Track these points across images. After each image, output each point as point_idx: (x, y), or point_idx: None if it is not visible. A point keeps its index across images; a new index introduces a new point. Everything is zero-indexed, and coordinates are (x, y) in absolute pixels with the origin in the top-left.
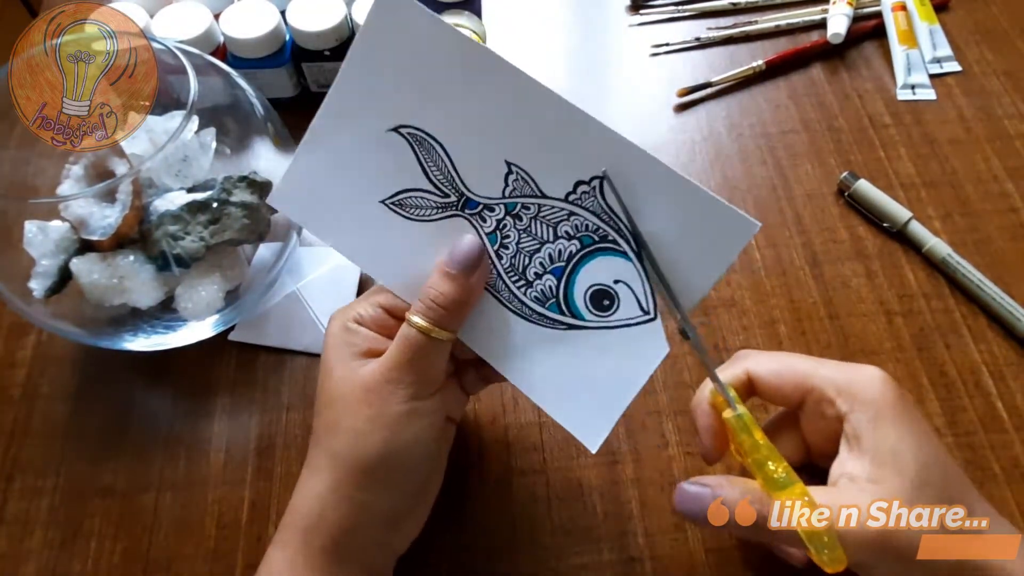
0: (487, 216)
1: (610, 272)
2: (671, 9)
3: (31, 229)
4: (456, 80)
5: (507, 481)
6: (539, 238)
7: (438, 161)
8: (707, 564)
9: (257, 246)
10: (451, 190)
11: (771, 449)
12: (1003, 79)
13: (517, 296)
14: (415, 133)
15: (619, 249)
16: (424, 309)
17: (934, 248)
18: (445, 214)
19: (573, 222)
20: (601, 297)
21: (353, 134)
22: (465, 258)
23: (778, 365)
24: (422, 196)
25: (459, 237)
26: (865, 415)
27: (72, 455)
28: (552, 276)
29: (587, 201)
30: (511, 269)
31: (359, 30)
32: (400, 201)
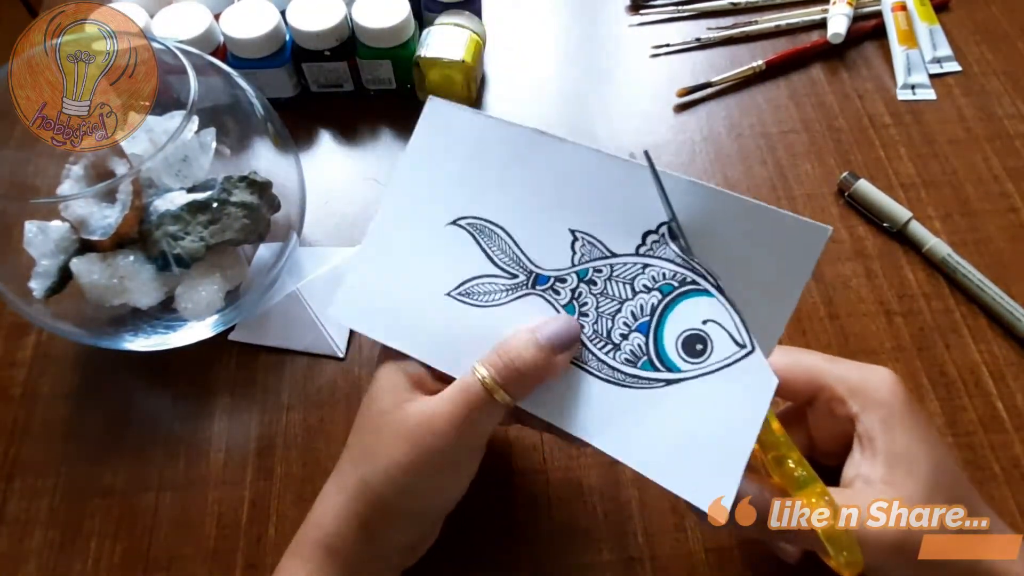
0: (560, 288)
1: (697, 315)
2: (671, 9)
3: (31, 229)
4: (508, 165)
5: (507, 481)
6: (618, 298)
7: (502, 245)
8: (707, 564)
9: (257, 246)
10: (519, 270)
11: (790, 445)
12: (1003, 79)
13: (606, 362)
14: (475, 223)
15: (701, 288)
16: (497, 366)
17: (934, 248)
18: (516, 295)
19: (649, 274)
20: (693, 342)
21: (411, 234)
22: (561, 334)
23: (790, 360)
24: (490, 282)
25: (542, 315)
26: (878, 417)
27: (72, 455)
28: (639, 333)
29: (659, 250)
30: (595, 336)
31: (412, 137)
32: (467, 291)
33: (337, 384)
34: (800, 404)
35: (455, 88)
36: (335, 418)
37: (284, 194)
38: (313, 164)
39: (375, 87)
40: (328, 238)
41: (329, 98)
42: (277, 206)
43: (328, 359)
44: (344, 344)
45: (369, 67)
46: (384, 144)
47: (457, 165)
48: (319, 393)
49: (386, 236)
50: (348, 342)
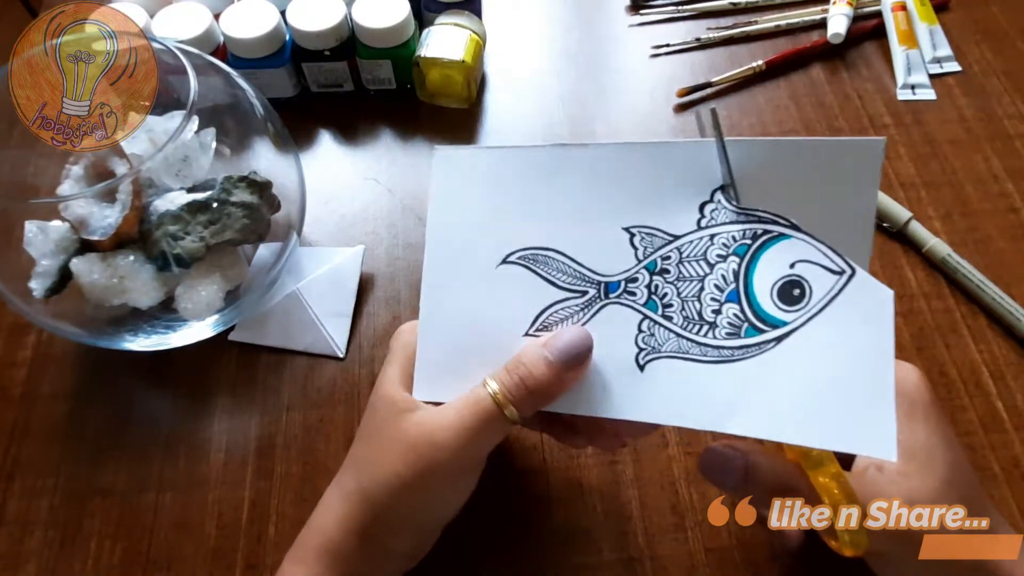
0: (634, 289)
1: (782, 261)
2: (671, 9)
3: (31, 229)
4: (537, 187)
5: (507, 481)
6: (696, 277)
7: (560, 266)
8: (707, 564)
9: (257, 246)
10: (587, 285)
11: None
12: (1003, 79)
13: (709, 344)
14: (525, 254)
15: (775, 234)
16: (507, 382)
17: (934, 248)
18: (593, 310)
19: (719, 242)
20: (789, 289)
21: (466, 288)
22: (570, 350)
23: None
24: (563, 307)
25: (627, 324)
26: (901, 410)
27: (72, 455)
28: (731, 303)
29: (720, 216)
30: (688, 323)
31: (430, 193)
32: (544, 324)
33: (337, 384)
34: None
35: (455, 88)
36: (335, 418)
37: (284, 194)
38: (313, 164)
39: (375, 87)
40: (328, 238)
41: (329, 98)
42: (277, 206)
43: (328, 359)
44: (344, 344)
45: (369, 67)
46: (384, 144)
47: (486, 205)
48: (319, 393)
49: (441, 299)
50: (348, 342)
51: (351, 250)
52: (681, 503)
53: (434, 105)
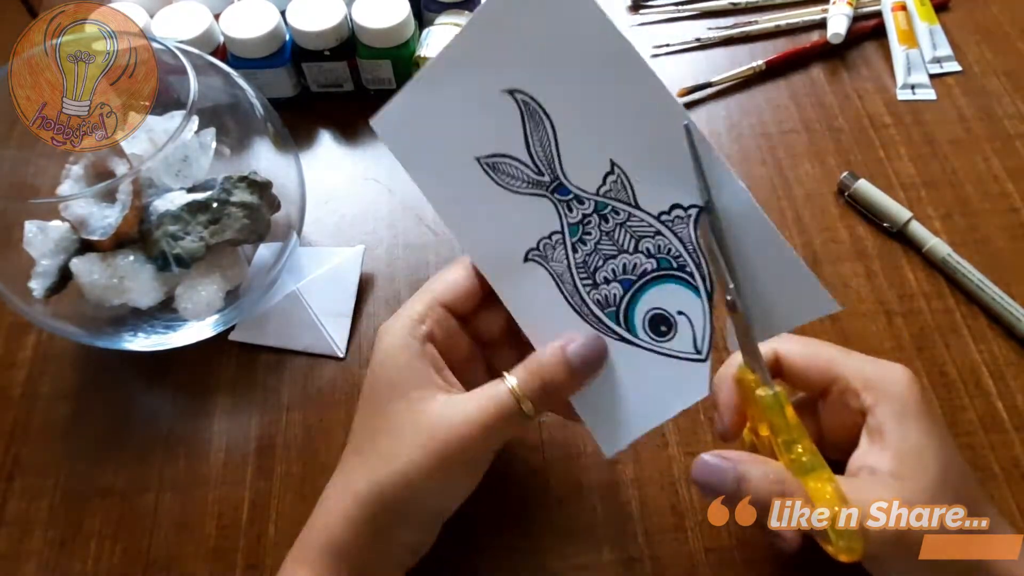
0: (574, 207)
1: (677, 302)
2: (671, 9)
3: (31, 229)
4: (587, 62)
5: (507, 481)
6: (619, 246)
7: (542, 137)
8: (707, 564)
9: (257, 246)
10: (547, 170)
11: (801, 431)
12: (1003, 79)
13: (580, 293)
14: (529, 102)
15: (693, 284)
16: (527, 381)
17: (934, 248)
18: (534, 191)
19: (657, 242)
20: (660, 322)
21: (468, 85)
22: (591, 357)
23: (808, 350)
24: (517, 166)
25: (546, 222)
26: (891, 411)
27: (72, 455)
28: (619, 286)
29: (678, 226)
30: (583, 266)
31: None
32: (494, 164)
33: (337, 384)
34: (814, 395)
35: None
36: (335, 418)
37: (284, 194)
38: (313, 164)
39: (375, 87)
40: (328, 238)
41: (329, 98)
42: (277, 206)
43: (328, 359)
44: (344, 344)
45: (369, 67)
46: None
47: (536, 34)
48: (319, 393)
49: (443, 76)
50: (348, 342)
51: (351, 250)
52: (681, 503)
53: None
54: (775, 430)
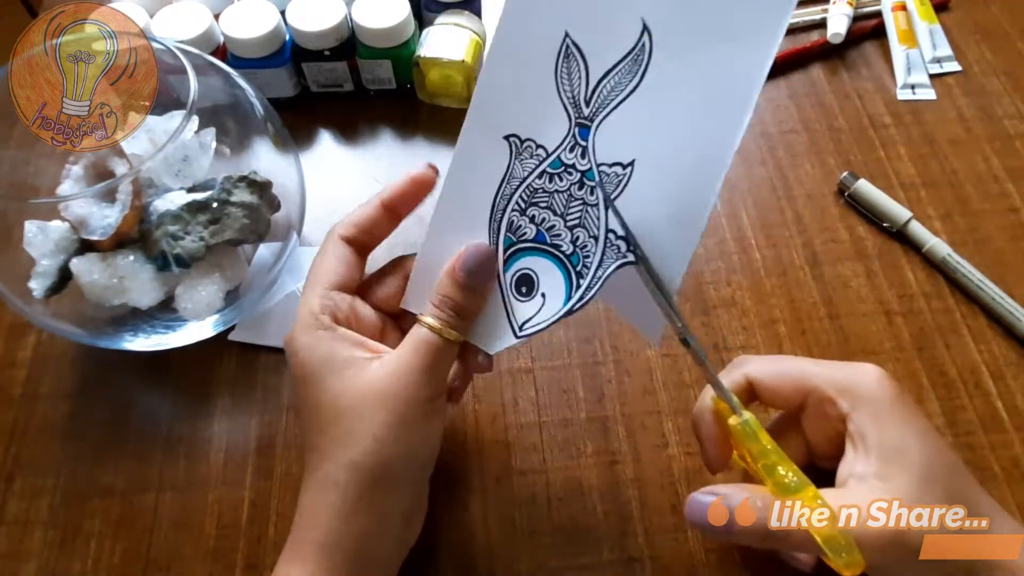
0: (575, 152)
1: (551, 286)
2: None
3: (31, 229)
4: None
5: (507, 481)
6: (566, 210)
7: (622, 83)
8: (707, 564)
9: (257, 246)
10: (591, 109)
11: (780, 454)
12: (1003, 79)
13: (508, 202)
14: (647, 45)
15: (570, 292)
16: (438, 313)
17: (934, 248)
18: (567, 107)
19: (587, 241)
20: (524, 283)
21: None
22: (477, 266)
23: (777, 368)
24: (583, 78)
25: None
26: (867, 413)
27: (72, 455)
28: (532, 232)
29: (609, 248)
30: (530, 190)
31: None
32: (569, 52)
33: None
34: (792, 411)
35: (455, 88)
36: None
37: (284, 194)
38: (313, 164)
39: (375, 87)
40: None
41: (329, 98)
42: (277, 206)
43: None
44: None
45: (369, 67)
46: (384, 144)
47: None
48: None
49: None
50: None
51: None
52: (681, 503)
53: (434, 105)
54: (753, 456)
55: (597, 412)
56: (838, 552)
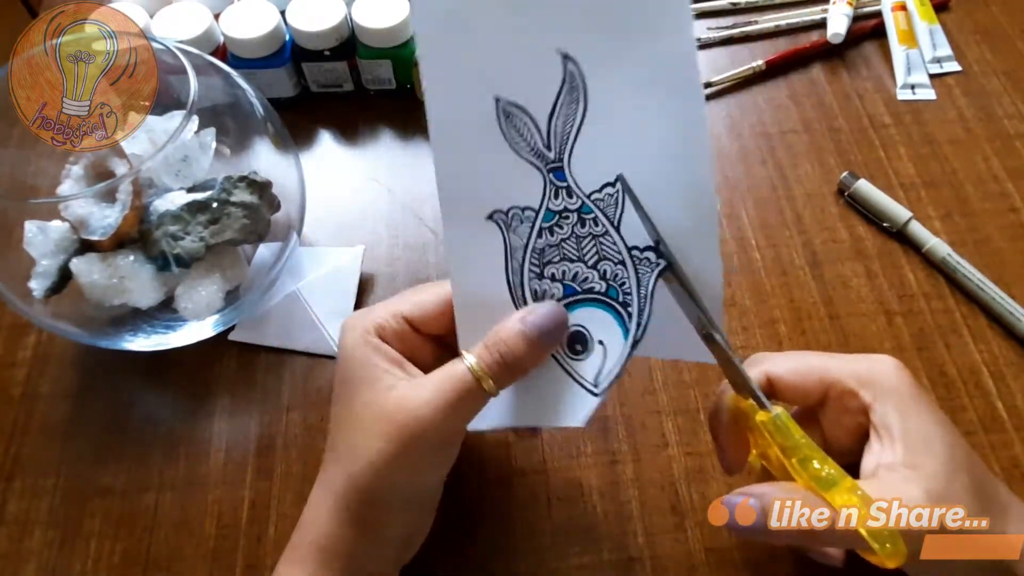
0: (561, 196)
1: (603, 331)
2: None
3: (31, 229)
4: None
5: (507, 481)
6: (581, 253)
7: (570, 114)
8: (707, 564)
9: (257, 246)
10: (556, 147)
11: (813, 447)
12: (1003, 79)
13: (522, 275)
14: (576, 75)
15: (627, 325)
16: (486, 358)
17: (934, 248)
18: (532, 160)
19: (616, 270)
20: (578, 340)
21: (526, 22)
22: (550, 328)
23: (795, 363)
24: (531, 128)
25: (533, 189)
26: (890, 403)
27: (72, 455)
28: (561, 288)
29: (642, 267)
30: (538, 252)
31: (418, 53)
32: (509, 112)
33: None
34: (813, 405)
35: None
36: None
37: (284, 194)
38: (313, 164)
39: (375, 87)
40: (328, 238)
41: (329, 98)
42: (277, 206)
43: (328, 359)
44: None
45: (369, 67)
46: (384, 144)
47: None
48: (319, 393)
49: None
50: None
51: (351, 250)
52: (681, 503)
53: None
54: (787, 451)
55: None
56: (883, 542)
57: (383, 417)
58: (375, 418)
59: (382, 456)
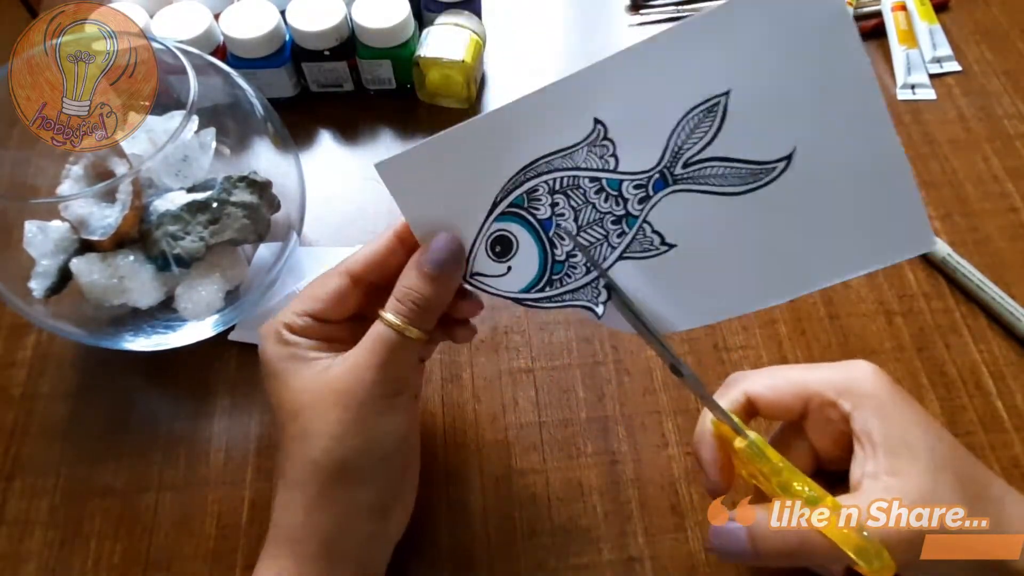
0: (631, 199)
1: (523, 254)
2: (671, 9)
3: (31, 229)
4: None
5: (507, 481)
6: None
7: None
8: (707, 564)
9: (257, 246)
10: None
11: (791, 469)
12: (1003, 79)
13: (537, 175)
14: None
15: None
16: (400, 308)
17: (934, 248)
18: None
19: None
20: (500, 243)
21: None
22: (445, 259)
23: (773, 380)
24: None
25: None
26: (869, 409)
27: (72, 455)
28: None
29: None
30: (566, 181)
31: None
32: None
33: None
34: (795, 419)
35: (455, 88)
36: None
37: (284, 194)
38: (313, 164)
39: (375, 87)
40: (328, 238)
41: (329, 98)
42: (277, 206)
43: None
44: None
45: (369, 67)
46: (384, 144)
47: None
48: None
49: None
50: None
51: (351, 250)
52: (681, 503)
53: (434, 105)
54: (766, 475)
55: (597, 412)
56: (869, 560)
57: (327, 392)
58: (320, 396)
59: (339, 425)
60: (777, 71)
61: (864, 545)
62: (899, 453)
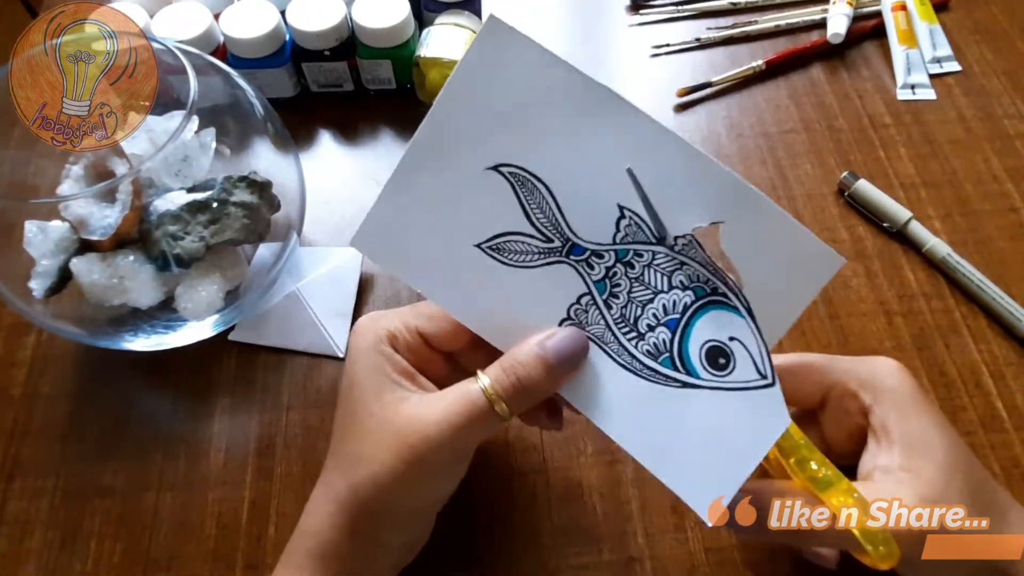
0: (595, 263)
1: (725, 328)
2: (671, 9)
3: (31, 229)
4: (567, 117)
5: (507, 481)
6: (653, 288)
7: (542, 204)
8: (707, 564)
9: (257, 246)
10: (555, 235)
11: (811, 448)
12: (1003, 79)
13: (627, 349)
14: (517, 173)
15: (730, 304)
16: (501, 380)
17: (934, 248)
18: (548, 260)
19: (686, 272)
20: (717, 355)
21: (447, 172)
22: (569, 353)
23: (796, 364)
24: (523, 241)
25: (570, 287)
26: (890, 406)
27: (72, 455)
28: (666, 329)
29: (691, 252)
30: (621, 320)
31: (459, 61)
32: (498, 246)
33: (337, 384)
34: (812, 407)
35: None
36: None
37: (284, 194)
38: (313, 164)
39: (375, 87)
40: (328, 238)
41: (329, 98)
42: (277, 206)
43: (328, 359)
44: (344, 344)
45: (369, 67)
46: (384, 144)
47: (509, 103)
48: (319, 393)
49: (419, 169)
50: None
51: (351, 250)
52: (681, 503)
53: None
54: (784, 452)
55: None
56: (876, 544)
57: (390, 431)
58: (382, 431)
59: (387, 471)
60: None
61: (872, 529)
62: (916, 452)
